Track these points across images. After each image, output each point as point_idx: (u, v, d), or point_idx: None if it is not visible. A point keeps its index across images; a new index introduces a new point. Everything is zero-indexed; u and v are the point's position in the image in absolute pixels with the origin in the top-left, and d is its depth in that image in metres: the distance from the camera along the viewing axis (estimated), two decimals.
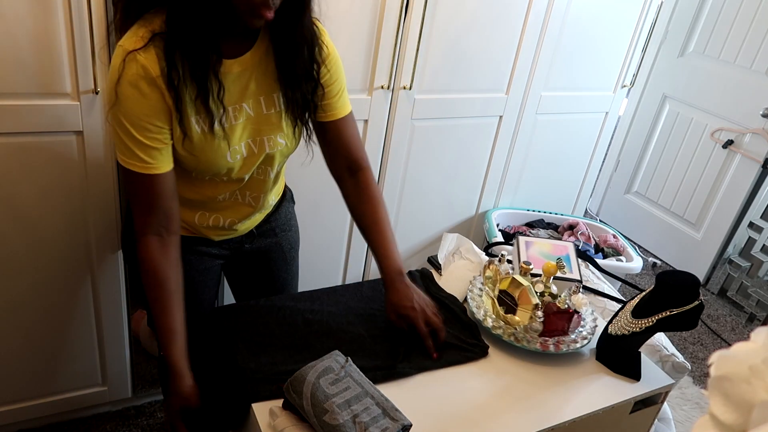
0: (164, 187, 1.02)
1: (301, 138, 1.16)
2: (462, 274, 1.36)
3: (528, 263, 1.24)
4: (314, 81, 1.08)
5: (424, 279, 1.34)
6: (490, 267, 1.29)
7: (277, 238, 1.34)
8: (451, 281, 1.34)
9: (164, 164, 1.01)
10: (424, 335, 1.10)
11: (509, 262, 1.32)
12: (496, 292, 1.22)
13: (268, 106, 1.08)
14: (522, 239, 1.45)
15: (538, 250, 1.43)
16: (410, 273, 1.29)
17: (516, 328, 1.17)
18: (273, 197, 1.27)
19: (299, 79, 1.07)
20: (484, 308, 1.22)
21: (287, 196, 1.36)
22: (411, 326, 1.11)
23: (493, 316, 1.21)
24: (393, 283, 1.14)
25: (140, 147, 0.97)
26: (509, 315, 1.17)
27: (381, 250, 1.17)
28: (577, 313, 1.18)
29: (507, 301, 1.18)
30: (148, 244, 1.04)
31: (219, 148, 1.04)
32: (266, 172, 1.17)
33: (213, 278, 1.32)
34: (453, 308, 1.24)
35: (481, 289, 1.27)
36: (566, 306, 1.18)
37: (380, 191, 1.25)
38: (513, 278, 1.19)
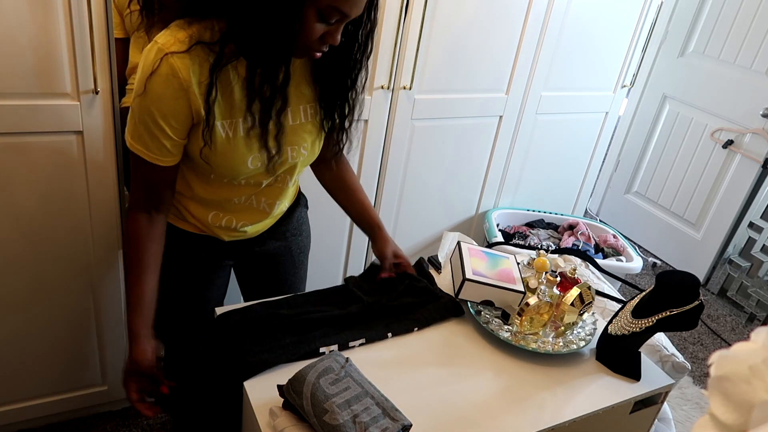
0: (162, 178, 1.06)
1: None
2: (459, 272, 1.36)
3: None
4: (350, 107, 1.14)
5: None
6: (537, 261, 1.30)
7: (287, 242, 1.34)
8: (450, 280, 1.34)
9: (169, 159, 1.03)
10: (409, 268, 1.30)
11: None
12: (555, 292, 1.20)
13: (294, 117, 1.09)
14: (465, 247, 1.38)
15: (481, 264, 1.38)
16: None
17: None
18: (286, 203, 1.28)
19: (335, 104, 1.12)
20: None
21: (301, 201, 1.37)
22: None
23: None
24: (380, 232, 1.32)
25: (152, 138, 0.99)
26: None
27: (359, 207, 1.34)
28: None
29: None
30: (136, 218, 1.07)
31: (241, 154, 1.05)
32: (285, 180, 1.19)
33: (222, 277, 1.33)
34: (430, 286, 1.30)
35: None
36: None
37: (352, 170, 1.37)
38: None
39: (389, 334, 1.15)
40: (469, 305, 1.23)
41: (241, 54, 0.97)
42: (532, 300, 1.15)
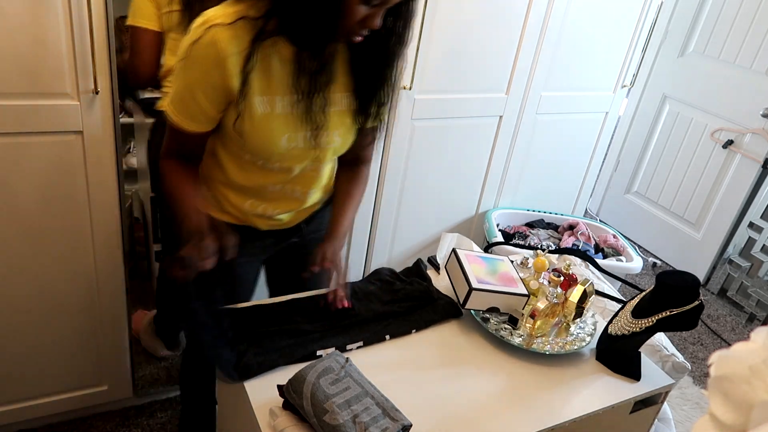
0: (189, 141, 1.11)
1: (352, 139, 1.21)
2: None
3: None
4: (387, 96, 1.15)
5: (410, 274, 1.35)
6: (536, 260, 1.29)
7: (321, 234, 1.36)
8: (449, 283, 1.33)
9: (194, 126, 1.08)
10: (342, 282, 1.22)
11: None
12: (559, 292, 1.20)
13: (331, 103, 1.11)
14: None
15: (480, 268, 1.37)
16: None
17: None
18: (321, 195, 1.30)
19: (372, 96, 1.13)
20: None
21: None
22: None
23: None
24: (334, 230, 1.26)
25: (183, 103, 1.05)
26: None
27: (339, 208, 1.29)
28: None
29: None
30: (169, 162, 1.14)
31: (278, 131, 1.08)
32: (318, 167, 1.21)
33: (253, 274, 1.35)
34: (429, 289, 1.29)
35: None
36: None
37: (366, 185, 1.35)
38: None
39: (387, 337, 1.15)
40: (474, 313, 1.22)
41: (284, 33, 1.01)
42: (543, 303, 1.15)
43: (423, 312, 1.22)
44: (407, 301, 1.24)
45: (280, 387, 0.95)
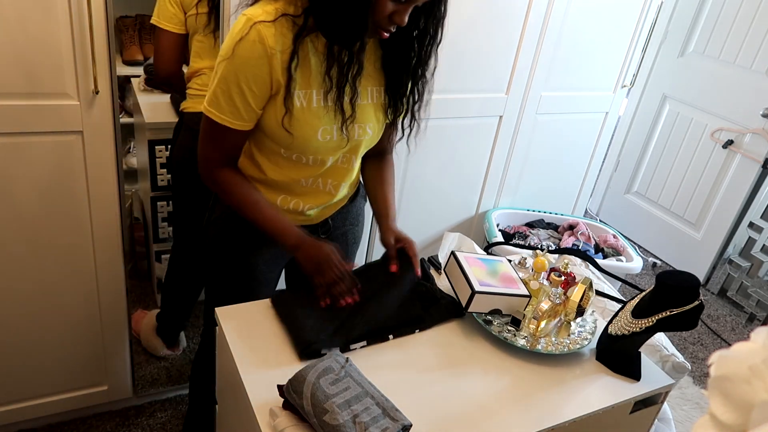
0: (232, 142, 1.13)
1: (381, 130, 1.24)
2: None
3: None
4: (419, 93, 1.19)
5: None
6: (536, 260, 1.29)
7: (345, 229, 1.39)
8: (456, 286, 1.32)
9: (240, 123, 1.09)
10: (415, 259, 1.26)
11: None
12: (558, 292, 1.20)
13: (363, 97, 1.15)
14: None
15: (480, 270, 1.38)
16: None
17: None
18: (349, 189, 1.33)
19: (402, 92, 1.17)
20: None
21: (360, 191, 1.40)
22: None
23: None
24: (385, 221, 1.30)
25: (228, 101, 1.06)
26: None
27: (380, 198, 1.33)
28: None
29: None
30: (225, 171, 1.16)
31: (313, 125, 1.11)
32: (350, 160, 1.24)
33: (276, 272, 1.36)
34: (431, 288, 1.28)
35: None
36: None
37: (394, 171, 1.39)
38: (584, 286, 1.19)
39: (390, 336, 1.15)
40: (475, 315, 1.21)
41: (318, 28, 1.04)
42: (546, 304, 1.15)
43: (426, 313, 1.22)
44: (414, 299, 1.24)
45: (280, 387, 0.95)
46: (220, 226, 1.28)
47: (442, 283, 1.33)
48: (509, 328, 1.19)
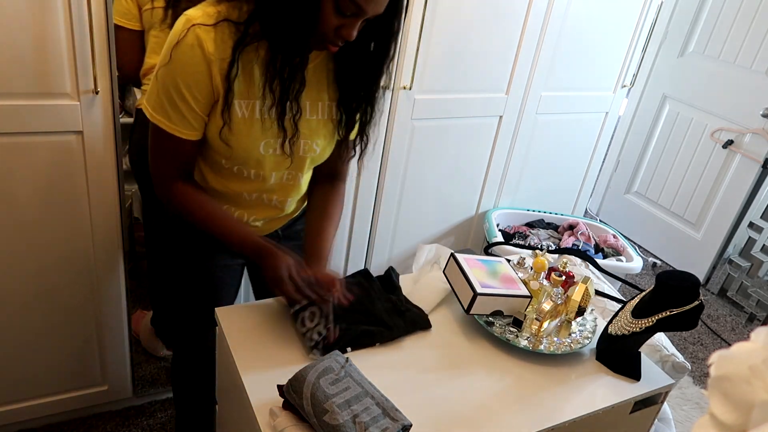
0: (184, 151, 1.08)
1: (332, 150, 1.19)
2: (434, 284, 1.30)
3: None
4: (372, 109, 1.14)
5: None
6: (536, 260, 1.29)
7: (300, 241, 1.34)
8: (420, 290, 1.28)
9: (189, 134, 1.05)
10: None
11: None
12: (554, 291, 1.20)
13: (312, 112, 1.11)
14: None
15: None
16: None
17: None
18: (299, 203, 1.29)
19: (358, 106, 1.12)
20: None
21: None
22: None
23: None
24: (320, 263, 1.17)
25: (174, 109, 1.01)
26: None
27: (318, 232, 1.22)
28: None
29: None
30: (177, 185, 1.10)
31: (255, 137, 1.07)
32: (296, 177, 1.19)
33: (235, 277, 1.34)
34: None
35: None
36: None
37: (343, 205, 1.30)
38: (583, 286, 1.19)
39: (348, 349, 1.11)
40: (477, 318, 1.21)
41: (264, 36, 0.99)
42: (547, 305, 1.15)
43: (386, 326, 1.16)
44: (387, 311, 1.20)
45: (280, 387, 0.95)
46: (170, 236, 1.26)
47: (415, 295, 1.28)
48: (511, 329, 1.19)
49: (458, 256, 1.27)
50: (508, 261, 1.32)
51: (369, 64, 1.07)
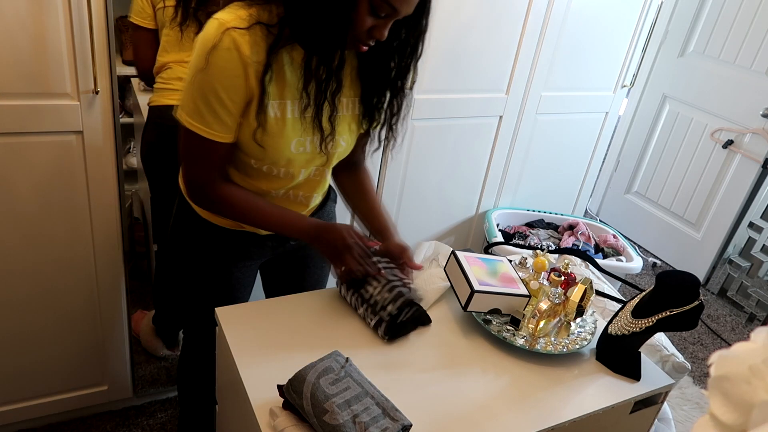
0: (222, 154, 1.08)
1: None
2: (433, 281, 1.30)
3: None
4: (398, 106, 1.16)
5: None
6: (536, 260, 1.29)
7: None
8: (420, 287, 1.27)
9: (226, 136, 1.05)
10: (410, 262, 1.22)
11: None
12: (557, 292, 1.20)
13: (339, 108, 1.11)
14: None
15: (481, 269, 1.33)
16: None
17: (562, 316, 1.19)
18: (321, 196, 1.31)
19: (382, 102, 1.14)
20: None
21: (331, 196, 1.38)
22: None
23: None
24: (394, 232, 1.27)
25: (212, 114, 1.01)
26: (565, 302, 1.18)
27: (373, 212, 1.30)
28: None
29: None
30: (219, 188, 1.11)
31: (287, 136, 1.08)
32: (323, 172, 1.22)
33: (251, 276, 1.34)
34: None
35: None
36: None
37: (374, 185, 1.35)
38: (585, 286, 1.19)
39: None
40: (475, 315, 1.21)
41: (296, 39, 1.00)
42: (546, 304, 1.15)
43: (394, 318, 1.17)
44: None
45: (279, 387, 0.95)
46: (186, 238, 1.26)
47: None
48: (508, 327, 1.19)
49: (459, 253, 1.28)
50: (510, 261, 1.32)
51: (397, 61, 1.10)
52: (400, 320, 1.12)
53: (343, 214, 1.44)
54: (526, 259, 1.37)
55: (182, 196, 1.23)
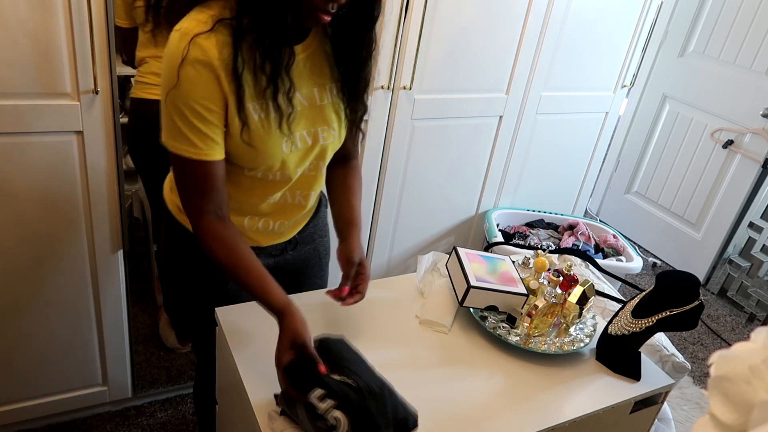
0: (216, 174, 1.02)
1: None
2: (443, 293, 1.28)
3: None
4: (367, 85, 1.12)
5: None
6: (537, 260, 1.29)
7: (314, 244, 1.33)
8: (434, 306, 1.25)
9: (216, 152, 1.00)
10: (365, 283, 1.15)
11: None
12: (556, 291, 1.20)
13: (321, 98, 1.09)
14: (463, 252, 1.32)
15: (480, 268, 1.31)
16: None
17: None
18: (317, 196, 1.27)
19: (357, 83, 1.10)
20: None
21: (323, 200, 1.35)
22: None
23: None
24: (355, 232, 1.20)
25: (194, 132, 0.97)
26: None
27: (345, 205, 1.24)
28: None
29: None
30: (208, 222, 1.04)
31: (276, 136, 1.04)
32: (318, 167, 1.17)
33: None
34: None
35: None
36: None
37: (362, 179, 1.31)
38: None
39: None
40: (472, 311, 1.22)
41: (254, 27, 0.95)
42: (540, 303, 1.15)
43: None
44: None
45: (276, 396, 0.95)
46: (178, 252, 1.24)
47: (424, 308, 1.24)
48: (503, 325, 1.20)
49: (460, 250, 1.28)
50: (513, 262, 1.33)
51: (361, 31, 1.06)
52: None
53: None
54: (529, 259, 1.37)
55: (169, 212, 1.20)
